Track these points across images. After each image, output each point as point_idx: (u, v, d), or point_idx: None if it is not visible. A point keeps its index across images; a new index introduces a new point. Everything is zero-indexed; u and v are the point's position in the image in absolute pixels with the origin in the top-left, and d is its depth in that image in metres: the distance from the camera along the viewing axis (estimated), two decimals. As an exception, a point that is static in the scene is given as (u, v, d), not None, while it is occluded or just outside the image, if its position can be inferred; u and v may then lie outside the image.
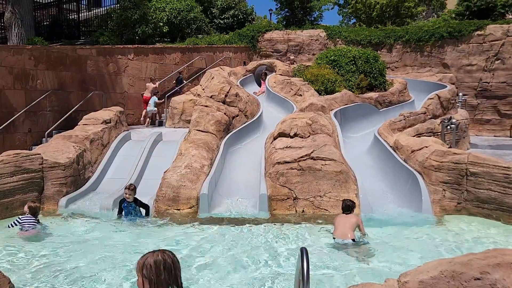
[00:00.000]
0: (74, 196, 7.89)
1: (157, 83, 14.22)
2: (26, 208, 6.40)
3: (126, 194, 6.94)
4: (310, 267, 5.04)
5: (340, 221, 6.02)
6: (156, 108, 14.13)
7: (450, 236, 6.11)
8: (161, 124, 14.20)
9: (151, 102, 13.85)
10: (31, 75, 10.77)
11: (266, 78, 14.94)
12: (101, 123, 10.02)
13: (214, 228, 6.52)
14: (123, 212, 6.99)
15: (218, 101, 10.90)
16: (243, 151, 10.35)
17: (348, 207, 6.21)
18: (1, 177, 6.95)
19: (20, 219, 6.30)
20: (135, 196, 7.07)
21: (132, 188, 6.98)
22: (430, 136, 10.84)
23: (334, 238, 5.88)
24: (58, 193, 7.76)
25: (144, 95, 14.12)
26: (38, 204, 6.64)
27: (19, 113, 10.28)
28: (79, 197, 7.99)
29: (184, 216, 7.22)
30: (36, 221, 6.37)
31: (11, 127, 10.15)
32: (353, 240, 5.80)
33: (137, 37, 17.11)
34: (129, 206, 6.98)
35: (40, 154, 7.80)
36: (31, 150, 9.30)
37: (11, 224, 6.30)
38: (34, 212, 6.38)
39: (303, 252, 2.78)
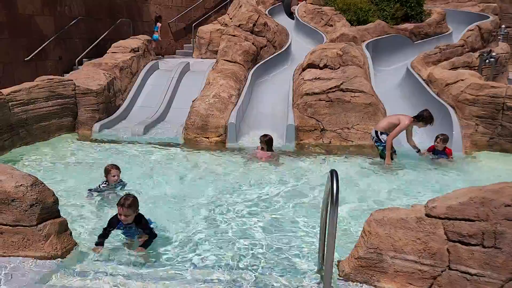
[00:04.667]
0: (106, 122, 8.13)
1: None
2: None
3: (120, 214, 3.70)
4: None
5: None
6: None
7: (480, 170, 6.07)
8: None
9: None
10: (58, 1, 10.66)
11: None
12: (130, 52, 10.00)
13: (240, 155, 6.71)
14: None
15: (246, 31, 10.58)
16: (270, 83, 10.23)
17: (420, 115, 6.23)
18: (37, 101, 7.18)
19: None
20: (139, 213, 3.83)
21: (128, 204, 3.68)
22: (466, 70, 10.36)
23: None
24: (91, 118, 8.01)
25: None
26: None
27: (49, 40, 10.34)
28: (111, 124, 8.24)
29: (212, 144, 7.40)
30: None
31: (42, 54, 10.27)
32: (376, 134, 6.23)
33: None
34: (129, 230, 3.86)
35: (72, 80, 7.96)
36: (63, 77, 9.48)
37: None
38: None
39: (333, 174, 2.83)
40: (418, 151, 6.51)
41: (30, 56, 9.88)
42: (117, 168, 4.99)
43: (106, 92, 8.38)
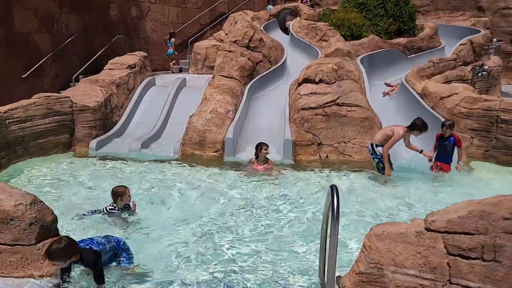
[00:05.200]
0: (103, 139, 8.13)
1: None
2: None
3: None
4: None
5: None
6: None
7: (476, 182, 6.11)
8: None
9: None
10: (55, 19, 10.75)
11: None
12: (126, 68, 10.05)
13: (237, 171, 6.70)
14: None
15: (242, 46, 10.70)
16: (266, 97, 10.31)
17: (413, 124, 6.26)
18: (34, 118, 7.19)
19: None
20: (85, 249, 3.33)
21: (50, 255, 3.18)
22: (459, 83, 10.50)
23: None
24: (88, 135, 8.01)
25: None
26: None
27: (46, 57, 10.39)
28: (108, 140, 8.24)
29: (210, 159, 7.41)
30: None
31: (39, 71, 10.31)
32: (372, 146, 6.29)
33: (158, -20, 16.63)
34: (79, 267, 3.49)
35: (69, 97, 7.98)
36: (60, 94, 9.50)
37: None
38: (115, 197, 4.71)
39: (333, 189, 2.85)
40: (421, 151, 6.48)
41: (27, 73, 9.92)
42: (127, 187, 4.81)
43: (103, 108, 8.41)
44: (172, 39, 13.87)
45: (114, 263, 3.54)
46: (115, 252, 3.57)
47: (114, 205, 4.72)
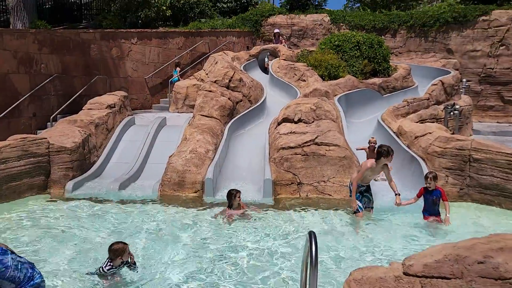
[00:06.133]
0: (80, 180, 7.97)
1: None
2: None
3: None
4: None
5: None
6: None
7: (451, 221, 6.19)
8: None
9: None
10: (35, 59, 10.76)
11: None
12: (106, 108, 10.04)
13: (216, 212, 6.61)
14: None
15: (222, 86, 10.88)
16: (246, 136, 10.40)
17: (377, 153, 6.18)
18: (9, 161, 7.03)
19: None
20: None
21: None
22: (433, 122, 10.86)
23: None
24: (65, 177, 7.85)
25: None
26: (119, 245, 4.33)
27: (23, 97, 10.30)
28: (85, 181, 8.07)
29: (189, 200, 7.32)
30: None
31: (16, 111, 10.18)
32: (349, 185, 6.43)
33: (140, 21, 16.98)
34: None
35: (46, 138, 7.86)
36: (36, 134, 9.37)
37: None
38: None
39: (311, 235, 2.86)
40: (398, 194, 6.31)
41: (3, 114, 9.77)
42: (127, 244, 4.38)
43: (81, 149, 8.30)
44: (178, 68, 15.06)
45: None
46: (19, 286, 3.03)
47: (111, 263, 4.25)
